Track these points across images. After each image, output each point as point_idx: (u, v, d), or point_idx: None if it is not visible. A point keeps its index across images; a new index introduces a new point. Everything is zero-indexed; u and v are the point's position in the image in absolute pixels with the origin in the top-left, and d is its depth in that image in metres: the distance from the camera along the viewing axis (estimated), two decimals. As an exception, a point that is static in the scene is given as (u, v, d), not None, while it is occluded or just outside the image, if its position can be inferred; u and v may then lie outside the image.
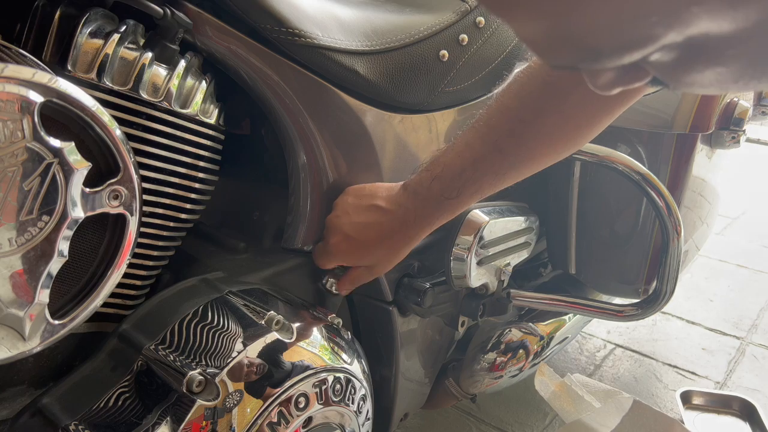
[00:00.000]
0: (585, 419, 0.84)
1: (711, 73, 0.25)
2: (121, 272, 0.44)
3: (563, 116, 0.56)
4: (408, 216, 0.60)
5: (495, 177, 0.59)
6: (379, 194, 0.62)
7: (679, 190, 0.86)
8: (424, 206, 0.60)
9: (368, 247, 0.62)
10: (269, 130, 0.64)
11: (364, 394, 0.59)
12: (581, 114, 0.56)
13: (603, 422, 0.84)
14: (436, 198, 0.59)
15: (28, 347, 0.40)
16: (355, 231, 0.61)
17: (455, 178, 0.58)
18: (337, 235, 0.62)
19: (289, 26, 0.54)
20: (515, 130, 0.57)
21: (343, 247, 0.62)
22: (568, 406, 0.87)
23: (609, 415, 0.84)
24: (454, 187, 0.59)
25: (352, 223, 0.61)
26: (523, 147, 0.58)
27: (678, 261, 0.75)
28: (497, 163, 0.58)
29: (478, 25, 0.71)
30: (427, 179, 0.60)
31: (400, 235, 0.62)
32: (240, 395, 0.47)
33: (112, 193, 0.41)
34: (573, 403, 0.87)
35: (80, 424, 0.45)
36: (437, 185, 0.59)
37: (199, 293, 0.54)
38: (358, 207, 0.62)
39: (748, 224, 2.50)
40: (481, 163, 0.58)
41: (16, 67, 0.36)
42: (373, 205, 0.62)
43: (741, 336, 1.56)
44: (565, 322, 1.02)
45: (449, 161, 0.59)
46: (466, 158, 0.58)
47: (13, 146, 0.36)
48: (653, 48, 0.24)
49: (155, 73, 0.48)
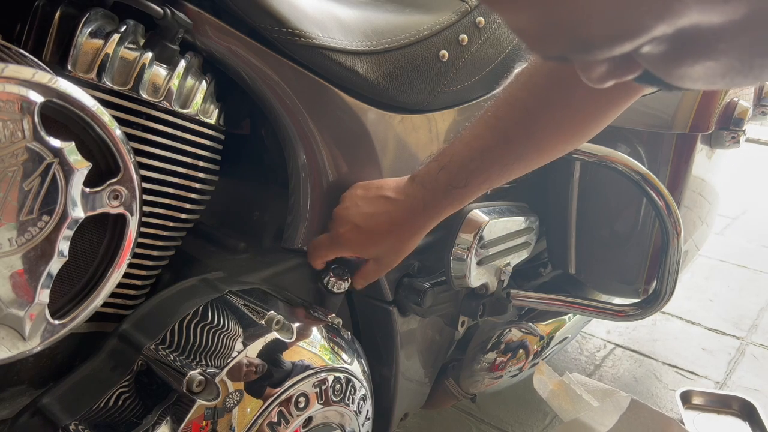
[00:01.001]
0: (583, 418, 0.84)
1: (701, 67, 0.25)
2: (121, 272, 0.44)
3: (570, 108, 0.56)
4: (416, 205, 0.61)
5: (502, 168, 0.59)
6: (387, 186, 0.63)
7: (678, 190, 0.86)
8: (432, 196, 0.60)
9: (376, 237, 0.62)
10: (269, 130, 0.64)
11: (364, 394, 0.59)
12: (588, 106, 0.56)
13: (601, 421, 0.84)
14: (444, 188, 0.60)
15: (28, 347, 0.40)
16: (363, 221, 0.61)
17: (463, 168, 0.59)
18: (345, 225, 0.62)
19: (289, 26, 0.54)
20: (523, 122, 0.57)
21: (351, 237, 0.62)
22: (567, 405, 0.87)
23: (607, 414, 0.84)
24: (462, 177, 0.59)
25: (361, 213, 0.62)
26: (530, 138, 0.58)
27: (678, 261, 0.75)
28: (505, 154, 0.58)
29: (478, 25, 0.71)
30: (435, 169, 0.60)
31: (409, 224, 0.62)
32: (240, 395, 0.47)
33: (112, 193, 0.41)
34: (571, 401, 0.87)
35: (80, 424, 0.45)
36: (445, 175, 0.59)
37: (199, 293, 0.54)
38: (367, 198, 0.62)
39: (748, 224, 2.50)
40: (488, 154, 0.58)
41: (16, 67, 0.35)
42: (382, 196, 0.62)
43: (741, 336, 1.56)
44: (565, 322, 1.02)
45: (457, 151, 0.59)
46: (474, 148, 0.58)
47: (13, 146, 0.36)
48: (644, 39, 0.24)
49: (155, 73, 0.48)
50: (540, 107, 0.56)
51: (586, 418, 0.84)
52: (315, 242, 0.64)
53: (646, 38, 0.24)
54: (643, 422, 0.81)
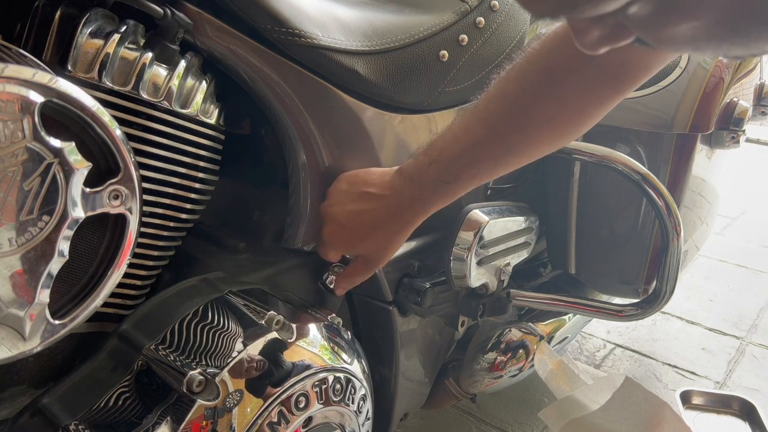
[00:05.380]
0: (576, 395, 0.84)
1: (686, 27, 0.26)
2: (122, 272, 0.44)
3: (561, 103, 0.56)
4: (402, 200, 0.60)
5: (493, 162, 0.59)
6: (371, 180, 0.61)
7: (678, 190, 0.86)
8: (420, 190, 0.59)
9: (363, 235, 0.61)
10: (269, 130, 0.64)
11: (364, 394, 0.59)
12: (579, 101, 0.56)
13: (594, 398, 0.83)
14: (434, 182, 0.59)
15: (28, 347, 0.40)
16: (348, 219, 0.60)
17: (453, 162, 0.58)
18: (331, 224, 0.61)
19: (289, 26, 0.54)
20: (514, 116, 0.57)
21: (337, 236, 0.61)
22: (564, 385, 0.87)
23: (600, 391, 0.84)
24: (452, 171, 0.58)
25: (345, 211, 0.61)
26: (521, 133, 0.58)
27: (678, 261, 0.75)
28: (496, 149, 0.58)
29: (478, 25, 0.71)
30: (425, 163, 0.59)
31: (394, 220, 0.61)
32: (240, 395, 0.47)
33: (113, 193, 0.41)
34: (568, 380, 0.87)
35: (80, 424, 0.45)
36: (434, 169, 0.58)
37: (200, 293, 0.54)
38: (350, 194, 0.61)
39: (748, 224, 2.50)
40: (479, 148, 0.58)
41: (16, 67, 0.36)
42: (365, 192, 0.61)
43: (741, 336, 1.56)
44: (565, 321, 1.02)
45: (447, 145, 0.58)
46: (465, 143, 0.58)
47: (13, 146, 0.36)
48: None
49: (155, 73, 0.48)
50: (531, 101, 0.56)
51: (580, 394, 0.84)
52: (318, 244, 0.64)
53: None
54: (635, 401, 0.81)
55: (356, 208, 0.60)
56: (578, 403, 0.82)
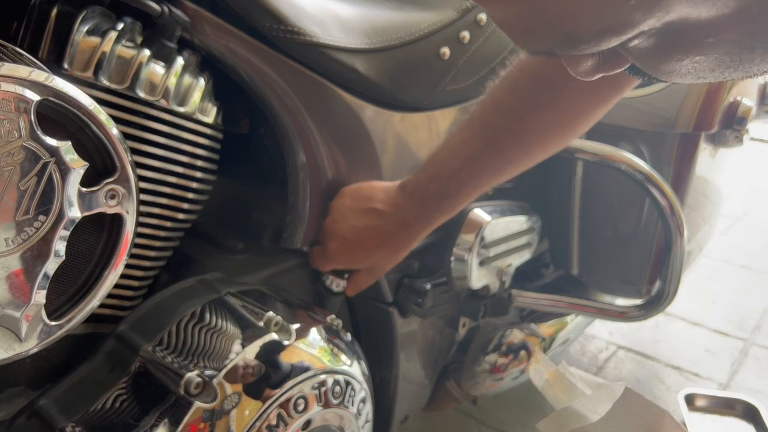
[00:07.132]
0: (575, 405, 0.83)
1: (689, 62, 0.25)
2: (119, 273, 0.44)
3: (558, 109, 0.56)
4: (407, 217, 0.60)
5: (493, 173, 0.59)
6: (376, 196, 0.62)
7: (682, 189, 0.86)
8: (422, 207, 0.60)
9: (368, 250, 0.62)
10: (268, 129, 0.64)
11: (363, 396, 0.59)
12: (575, 106, 0.56)
13: (593, 409, 0.83)
14: (435, 198, 0.59)
15: (24, 348, 0.40)
16: (354, 235, 0.61)
17: (452, 177, 0.58)
18: (336, 240, 0.61)
19: (288, 24, 0.54)
20: (511, 126, 0.57)
21: (343, 252, 0.61)
22: (561, 394, 0.86)
23: (600, 402, 0.83)
24: (452, 186, 0.58)
25: (351, 227, 0.61)
26: (519, 142, 0.57)
27: (681, 261, 0.74)
28: (494, 160, 0.58)
29: (479, 22, 0.70)
30: (425, 180, 0.59)
31: (400, 236, 0.61)
32: (238, 397, 0.47)
33: (109, 193, 0.41)
34: (566, 390, 0.86)
35: (77, 426, 0.45)
36: (435, 185, 0.59)
37: (197, 294, 0.53)
38: (356, 210, 0.61)
39: (752, 224, 2.49)
40: (478, 161, 0.57)
41: (12, 65, 0.35)
42: (371, 209, 0.61)
43: (744, 337, 1.55)
44: (567, 323, 1.02)
45: (446, 160, 0.59)
46: (463, 156, 0.58)
47: (9, 145, 0.36)
48: (631, 34, 0.24)
49: (153, 71, 0.47)
50: (527, 110, 0.56)
51: (579, 405, 0.83)
52: (311, 254, 0.63)
53: (633, 33, 0.24)
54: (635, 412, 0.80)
55: (362, 225, 0.60)
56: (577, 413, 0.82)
